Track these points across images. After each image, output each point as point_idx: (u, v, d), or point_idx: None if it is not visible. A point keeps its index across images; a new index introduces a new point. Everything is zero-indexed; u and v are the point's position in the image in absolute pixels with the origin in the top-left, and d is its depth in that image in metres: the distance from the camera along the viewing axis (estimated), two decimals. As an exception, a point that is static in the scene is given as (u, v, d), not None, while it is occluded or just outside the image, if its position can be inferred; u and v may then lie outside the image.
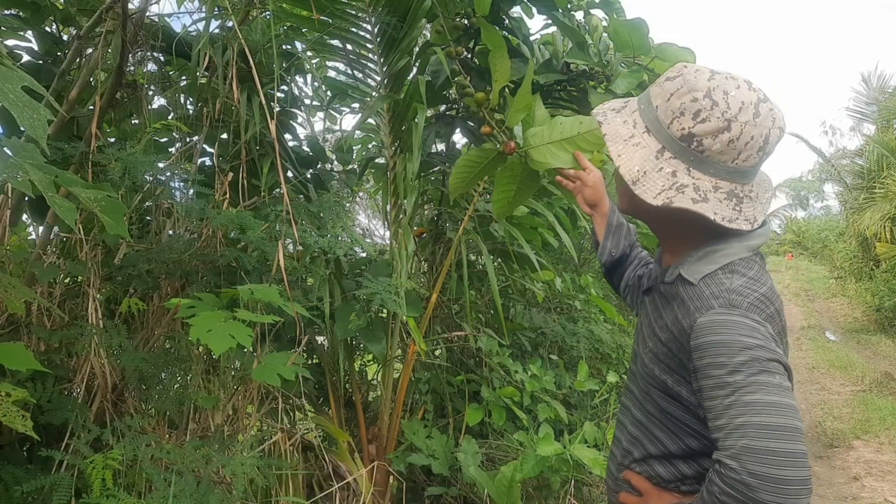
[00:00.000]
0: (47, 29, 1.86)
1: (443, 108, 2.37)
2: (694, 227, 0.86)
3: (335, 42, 2.17)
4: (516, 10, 2.20)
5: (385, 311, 2.01)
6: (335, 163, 2.49)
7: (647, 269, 1.15)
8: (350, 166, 2.53)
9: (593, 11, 2.31)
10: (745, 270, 0.82)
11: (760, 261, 0.87)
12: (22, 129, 0.78)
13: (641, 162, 0.84)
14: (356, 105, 2.38)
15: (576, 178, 1.23)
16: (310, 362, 2.24)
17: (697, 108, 0.79)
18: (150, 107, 1.89)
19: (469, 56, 2.14)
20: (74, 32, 1.81)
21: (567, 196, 1.45)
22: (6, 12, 1.73)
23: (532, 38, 2.31)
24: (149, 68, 1.94)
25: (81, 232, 1.54)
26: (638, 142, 0.85)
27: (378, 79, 2.17)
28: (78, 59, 1.76)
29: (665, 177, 0.83)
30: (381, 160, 2.48)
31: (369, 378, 2.67)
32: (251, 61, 1.51)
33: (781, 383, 0.71)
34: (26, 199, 1.62)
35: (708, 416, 0.74)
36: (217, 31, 1.87)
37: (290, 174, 2.04)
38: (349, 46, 2.15)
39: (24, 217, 1.80)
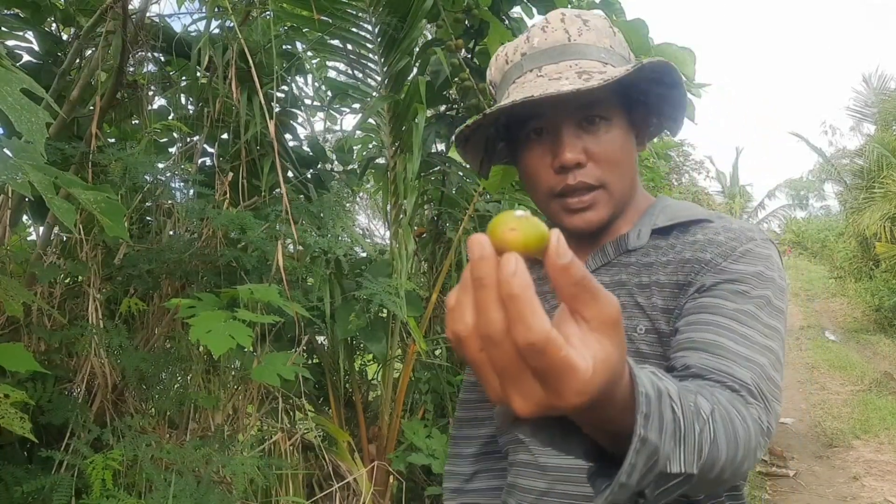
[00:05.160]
0: (47, 29, 1.86)
1: (443, 108, 2.37)
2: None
3: (335, 42, 2.17)
4: (516, 11, 2.20)
5: (385, 310, 2.02)
6: (335, 163, 2.49)
7: None
8: (350, 166, 2.53)
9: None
10: None
11: None
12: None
13: None
14: (356, 105, 2.38)
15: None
16: (310, 362, 2.24)
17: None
18: (150, 107, 1.89)
19: (470, 56, 2.15)
20: (74, 32, 1.81)
21: None
22: (6, 12, 1.73)
23: (532, 39, 2.30)
24: (149, 68, 1.94)
25: (82, 232, 1.54)
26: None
27: (378, 79, 2.17)
28: (78, 60, 1.76)
29: None
30: (381, 160, 2.48)
31: (369, 378, 2.67)
32: (251, 61, 1.52)
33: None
34: (26, 199, 1.62)
35: (718, 333, 0.58)
36: (217, 31, 1.87)
37: (290, 174, 2.04)
38: (349, 46, 2.15)
39: (25, 217, 1.80)
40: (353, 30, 2.05)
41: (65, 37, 1.91)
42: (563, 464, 0.68)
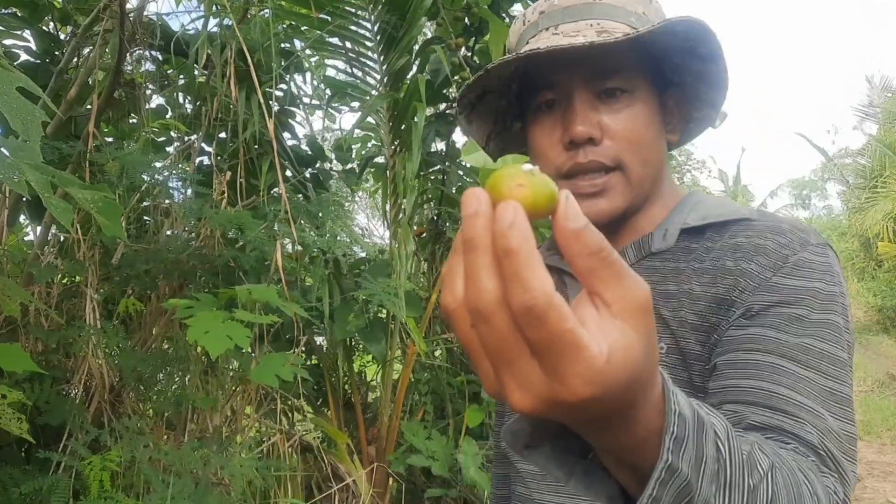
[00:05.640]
0: (45, 28, 1.85)
1: (442, 106, 2.36)
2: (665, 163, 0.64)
3: (334, 40, 2.16)
4: (516, 9, 2.20)
5: (385, 311, 2.01)
6: (334, 162, 2.48)
7: None
8: (349, 165, 2.52)
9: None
10: None
11: None
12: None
13: None
14: (355, 104, 2.38)
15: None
16: (308, 363, 2.23)
17: None
18: (148, 106, 1.88)
19: (469, 54, 2.14)
20: (72, 31, 1.80)
21: None
22: (3, 11, 1.72)
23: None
24: (147, 67, 1.93)
25: (79, 232, 1.54)
26: None
27: (378, 77, 2.16)
28: (76, 58, 1.76)
29: None
30: (380, 159, 2.47)
31: (368, 379, 2.66)
32: (250, 60, 1.51)
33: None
34: (23, 199, 1.61)
35: (765, 376, 0.47)
36: (215, 29, 1.86)
37: (288, 173, 2.03)
38: (349, 45, 2.14)
39: (22, 217, 1.79)
40: (352, 28, 2.04)
41: (62, 36, 1.90)
42: (557, 501, 0.58)
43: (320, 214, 1.81)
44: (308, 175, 2.08)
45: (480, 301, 0.26)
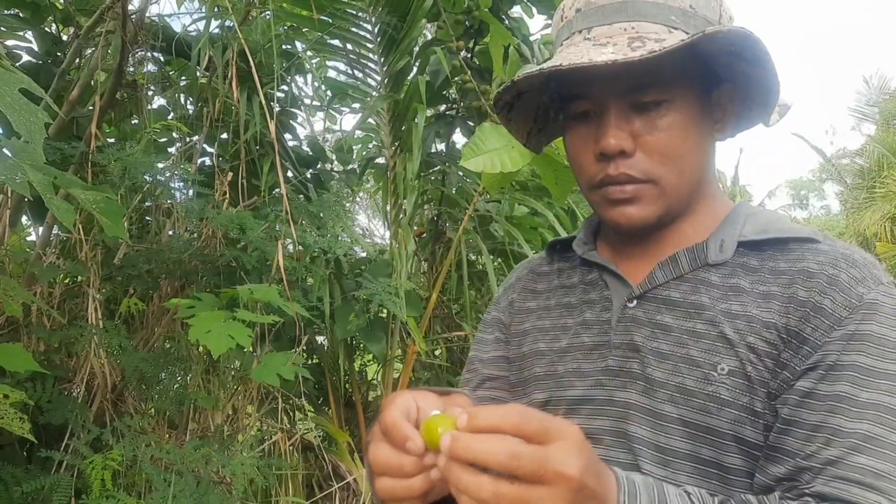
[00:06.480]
0: (47, 29, 1.86)
1: (443, 107, 2.37)
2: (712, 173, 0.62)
3: (335, 42, 2.17)
4: (516, 10, 2.21)
5: (385, 310, 2.02)
6: (335, 163, 2.49)
7: None
8: (350, 166, 2.53)
9: (593, 11, 2.30)
10: None
11: None
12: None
13: None
14: (356, 105, 2.39)
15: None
16: (310, 362, 2.24)
17: None
18: (149, 107, 1.89)
19: (469, 56, 2.15)
20: (74, 32, 1.81)
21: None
22: (6, 12, 1.73)
23: (532, 38, 2.31)
24: (149, 68, 1.94)
25: (81, 232, 1.54)
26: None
27: (378, 79, 2.17)
28: (78, 60, 1.76)
29: None
30: (381, 160, 2.48)
31: (369, 378, 2.67)
32: (251, 61, 1.51)
33: None
34: (26, 199, 1.62)
35: (821, 438, 0.48)
36: (217, 30, 1.87)
37: (290, 174, 2.04)
38: (349, 46, 2.15)
39: (24, 218, 1.80)
40: (353, 29, 2.05)
41: (64, 37, 1.91)
42: None
43: (321, 215, 1.82)
44: (309, 176, 2.09)
45: (525, 454, 0.37)
